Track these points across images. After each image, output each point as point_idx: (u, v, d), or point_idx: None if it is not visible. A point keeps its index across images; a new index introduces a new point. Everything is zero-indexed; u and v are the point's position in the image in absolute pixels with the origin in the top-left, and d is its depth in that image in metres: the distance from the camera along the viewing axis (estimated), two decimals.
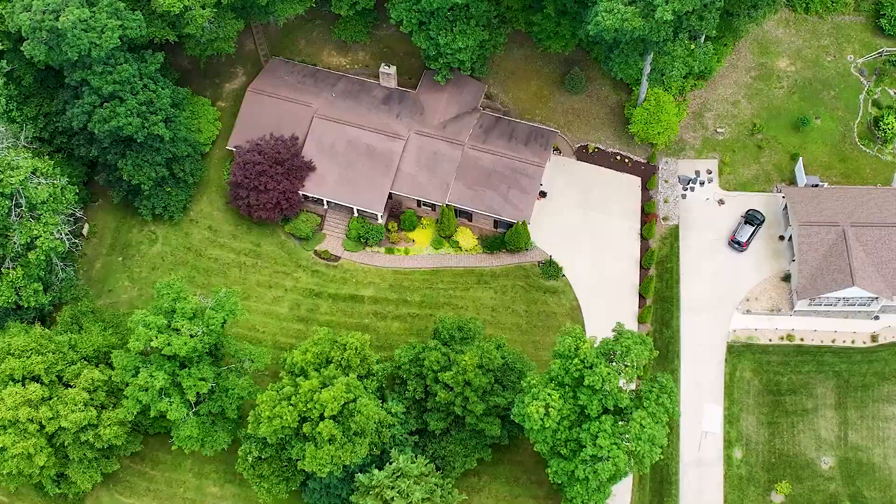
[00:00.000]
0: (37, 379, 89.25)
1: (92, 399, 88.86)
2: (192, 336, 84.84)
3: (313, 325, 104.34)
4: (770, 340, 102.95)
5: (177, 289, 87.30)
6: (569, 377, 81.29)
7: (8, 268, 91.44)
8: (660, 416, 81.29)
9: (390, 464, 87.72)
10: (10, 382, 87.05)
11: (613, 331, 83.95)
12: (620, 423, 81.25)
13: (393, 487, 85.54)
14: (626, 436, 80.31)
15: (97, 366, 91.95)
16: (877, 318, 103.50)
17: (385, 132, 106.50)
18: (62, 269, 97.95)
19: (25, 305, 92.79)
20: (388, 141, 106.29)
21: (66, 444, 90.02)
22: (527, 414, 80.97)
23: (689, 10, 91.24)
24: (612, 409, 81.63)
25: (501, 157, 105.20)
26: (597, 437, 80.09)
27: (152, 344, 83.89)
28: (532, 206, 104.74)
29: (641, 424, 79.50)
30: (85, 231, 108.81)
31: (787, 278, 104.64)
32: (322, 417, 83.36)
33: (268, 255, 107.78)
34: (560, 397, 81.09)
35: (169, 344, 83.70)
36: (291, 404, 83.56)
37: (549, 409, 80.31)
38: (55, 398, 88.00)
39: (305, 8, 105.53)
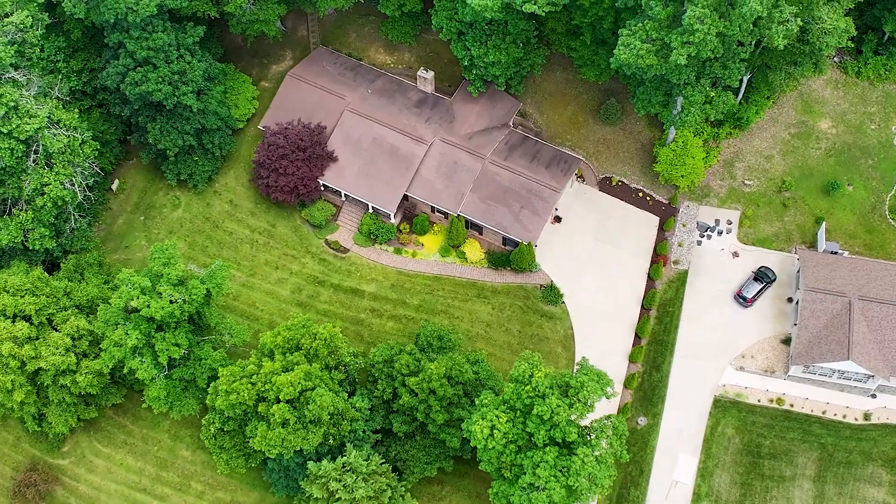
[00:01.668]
0: (27, 319, 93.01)
1: (74, 346, 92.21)
2: (171, 302, 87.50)
3: (311, 311, 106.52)
4: (759, 401, 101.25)
5: (168, 254, 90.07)
6: (520, 403, 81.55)
7: (20, 209, 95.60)
8: (605, 456, 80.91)
9: (342, 456, 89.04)
10: (2, 318, 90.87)
11: (577, 364, 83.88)
12: (565, 456, 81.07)
13: (339, 480, 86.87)
14: (568, 470, 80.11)
15: (88, 315, 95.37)
16: (874, 396, 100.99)
17: (411, 135, 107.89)
18: (76, 218, 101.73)
19: (31, 248, 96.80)
20: (411, 143, 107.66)
21: (46, 385, 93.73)
22: (472, 432, 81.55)
23: (712, 58, 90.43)
24: (559, 441, 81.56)
25: (519, 176, 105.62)
26: (538, 466, 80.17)
27: (132, 304, 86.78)
28: (541, 229, 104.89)
29: (583, 461, 79.29)
30: (114, 186, 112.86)
31: (787, 341, 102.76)
32: (278, 400, 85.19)
33: (280, 237, 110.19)
34: (508, 421, 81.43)
35: (148, 306, 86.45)
36: (251, 383, 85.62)
37: (494, 431, 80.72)
38: (41, 339, 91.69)
39: (350, 3, 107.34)
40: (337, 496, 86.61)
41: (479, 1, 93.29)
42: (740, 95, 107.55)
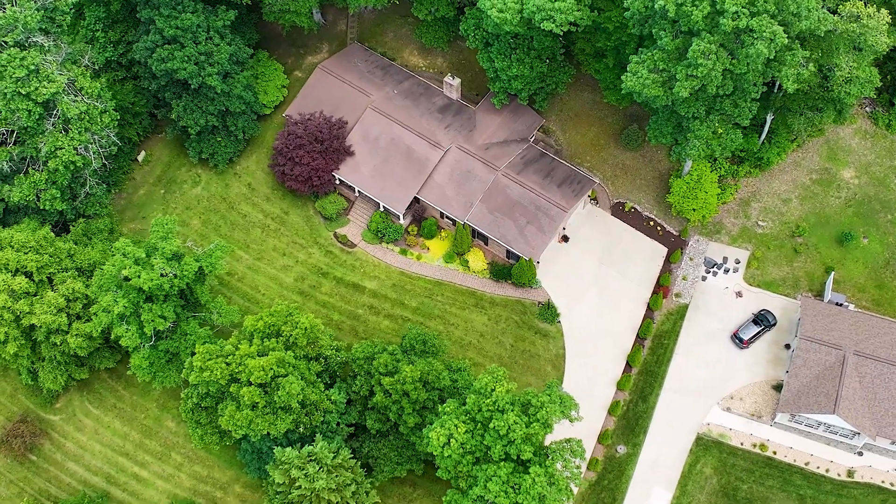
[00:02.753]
0: (29, 275, 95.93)
1: (68, 307, 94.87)
2: (162, 275, 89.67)
3: (311, 300, 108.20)
4: (741, 444, 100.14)
5: (167, 228, 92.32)
6: (481, 415, 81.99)
7: (36, 170, 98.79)
8: (558, 478, 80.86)
9: (311, 446, 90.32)
10: (3, 271, 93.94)
11: (545, 385, 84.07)
12: (519, 473, 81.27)
13: (302, 469, 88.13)
14: (518, 487, 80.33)
15: (88, 278, 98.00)
16: (860, 453, 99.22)
17: (428, 139, 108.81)
18: (91, 184, 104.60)
19: (43, 208, 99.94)
20: (428, 147, 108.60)
21: (40, 341, 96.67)
22: (429, 438, 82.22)
23: (722, 95, 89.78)
24: (515, 457, 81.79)
25: (529, 192, 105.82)
26: (490, 479, 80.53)
27: (123, 272, 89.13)
28: (544, 246, 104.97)
29: (534, 480, 79.45)
30: (140, 157, 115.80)
31: (778, 387, 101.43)
32: (250, 383, 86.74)
33: (292, 225, 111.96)
34: (467, 431, 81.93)
35: (139, 276, 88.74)
36: (227, 363, 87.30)
37: (451, 440, 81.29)
38: (39, 296, 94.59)
39: (383, 3, 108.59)
40: (297, 484, 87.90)
41: (499, 14, 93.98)
42: (763, 136, 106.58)
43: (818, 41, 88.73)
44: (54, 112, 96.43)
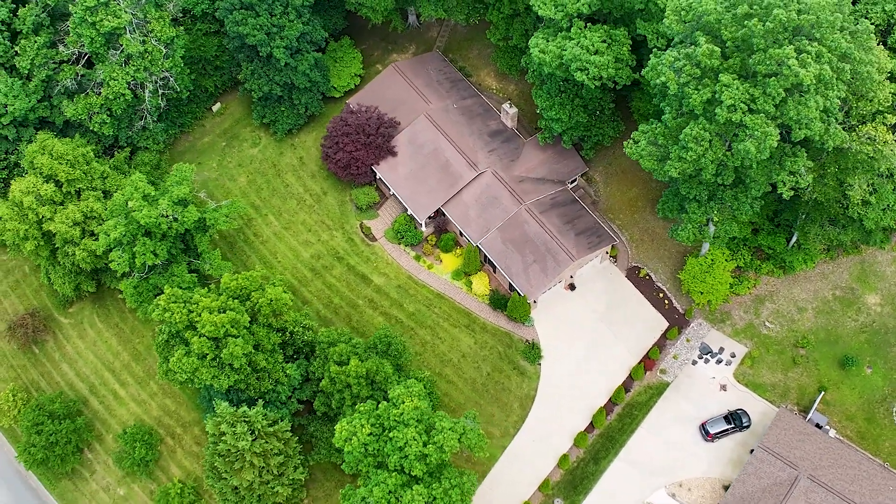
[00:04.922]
0: (59, 185, 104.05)
1: (85, 223, 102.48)
2: (163, 216, 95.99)
3: (319, 279, 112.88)
4: None
5: (182, 175, 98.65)
6: (388, 423, 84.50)
7: (95, 93, 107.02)
8: (439, 502, 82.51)
9: (249, 408, 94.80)
10: (38, 175, 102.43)
11: (463, 414, 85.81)
12: (406, 488, 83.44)
13: (232, 426, 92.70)
14: (399, 501, 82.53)
15: None
16: None
17: (468, 158, 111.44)
18: (149, 120, 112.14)
19: (92, 129, 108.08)
20: (465, 166, 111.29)
21: (58, 248, 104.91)
22: (335, 431, 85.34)
23: (724, 184, 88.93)
24: (408, 472, 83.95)
25: (545, 232, 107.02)
26: (377, 485, 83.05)
27: (129, 203, 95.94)
28: (543, 288, 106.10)
29: (413, 498, 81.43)
30: (215, 108, 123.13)
31: (728, 488, 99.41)
32: (203, 335, 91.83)
33: (325, 205, 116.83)
34: (371, 434, 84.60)
35: (141, 210, 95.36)
36: (190, 310, 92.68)
37: (354, 438, 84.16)
38: (64, 206, 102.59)
39: (458, 19, 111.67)
40: (224, 439, 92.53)
41: (540, 54, 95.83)
42: (793, 239, 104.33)
43: (835, 155, 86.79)
44: (120, 48, 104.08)
